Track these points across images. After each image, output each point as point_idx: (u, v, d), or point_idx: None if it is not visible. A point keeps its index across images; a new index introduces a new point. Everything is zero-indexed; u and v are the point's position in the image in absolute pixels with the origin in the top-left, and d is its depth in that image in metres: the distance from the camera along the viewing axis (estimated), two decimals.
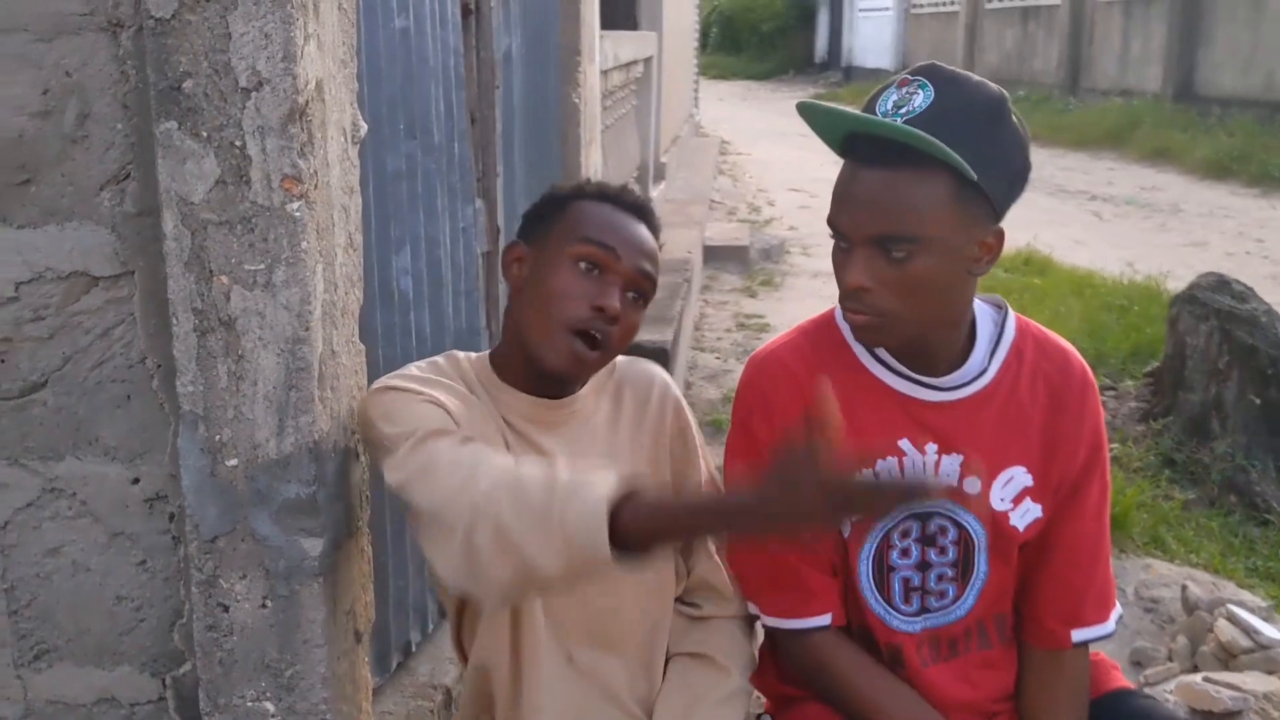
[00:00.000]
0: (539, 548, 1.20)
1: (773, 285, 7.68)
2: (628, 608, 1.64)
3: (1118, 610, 1.72)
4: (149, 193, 1.46)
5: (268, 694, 1.51)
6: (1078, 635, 1.67)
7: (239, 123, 1.37)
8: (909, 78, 1.50)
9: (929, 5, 23.88)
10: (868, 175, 1.49)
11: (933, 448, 1.62)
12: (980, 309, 1.65)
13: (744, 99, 23.26)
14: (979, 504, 1.63)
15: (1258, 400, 4.19)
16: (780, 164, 13.05)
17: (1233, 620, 2.76)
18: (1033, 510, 1.64)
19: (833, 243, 1.55)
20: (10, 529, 1.57)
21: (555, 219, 1.60)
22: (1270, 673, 2.65)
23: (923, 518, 1.64)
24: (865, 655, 1.67)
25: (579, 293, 1.53)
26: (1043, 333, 1.69)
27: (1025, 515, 1.64)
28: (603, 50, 4.80)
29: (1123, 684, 1.78)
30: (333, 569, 1.52)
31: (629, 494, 1.21)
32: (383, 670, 2.16)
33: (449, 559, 1.32)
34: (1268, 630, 2.76)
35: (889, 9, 25.42)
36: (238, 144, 1.38)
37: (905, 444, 1.62)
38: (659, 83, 8.26)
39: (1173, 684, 2.57)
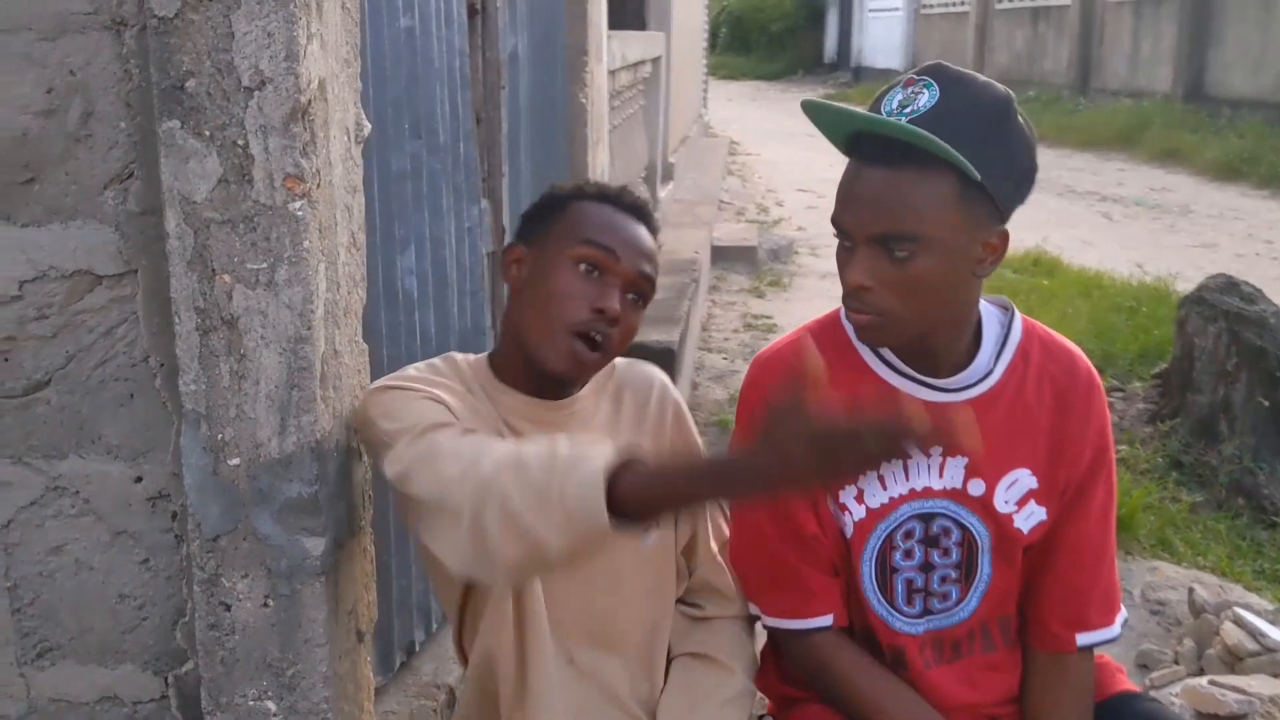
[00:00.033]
0: (543, 523, 1.20)
1: (781, 286, 7.67)
2: (628, 609, 1.64)
3: (1123, 614, 1.71)
4: (152, 192, 1.46)
5: (269, 693, 1.52)
6: (1082, 639, 1.67)
7: (241, 122, 1.38)
8: (915, 77, 1.50)
9: (939, 5, 23.81)
10: (871, 174, 1.48)
11: (937, 449, 1.61)
12: (986, 310, 1.64)
13: (753, 99, 23.23)
14: (982, 505, 1.62)
15: (1266, 402, 4.16)
16: (789, 164, 13.03)
17: (1239, 623, 2.74)
18: (1037, 513, 1.63)
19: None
20: (13, 527, 1.57)
21: (555, 220, 1.60)
22: (1276, 676, 2.64)
23: (926, 519, 1.64)
24: (867, 656, 1.67)
25: (579, 294, 1.53)
26: (1049, 334, 1.68)
27: (1030, 518, 1.63)
28: (610, 50, 4.80)
29: (1128, 687, 1.77)
30: (334, 568, 1.52)
31: (626, 463, 1.21)
32: (386, 670, 2.16)
33: (456, 545, 1.31)
34: (1274, 633, 2.75)
35: (899, 9, 25.37)
36: (240, 143, 1.38)
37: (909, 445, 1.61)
38: (667, 83, 8.26)
39: (1178, 687, 2.56)
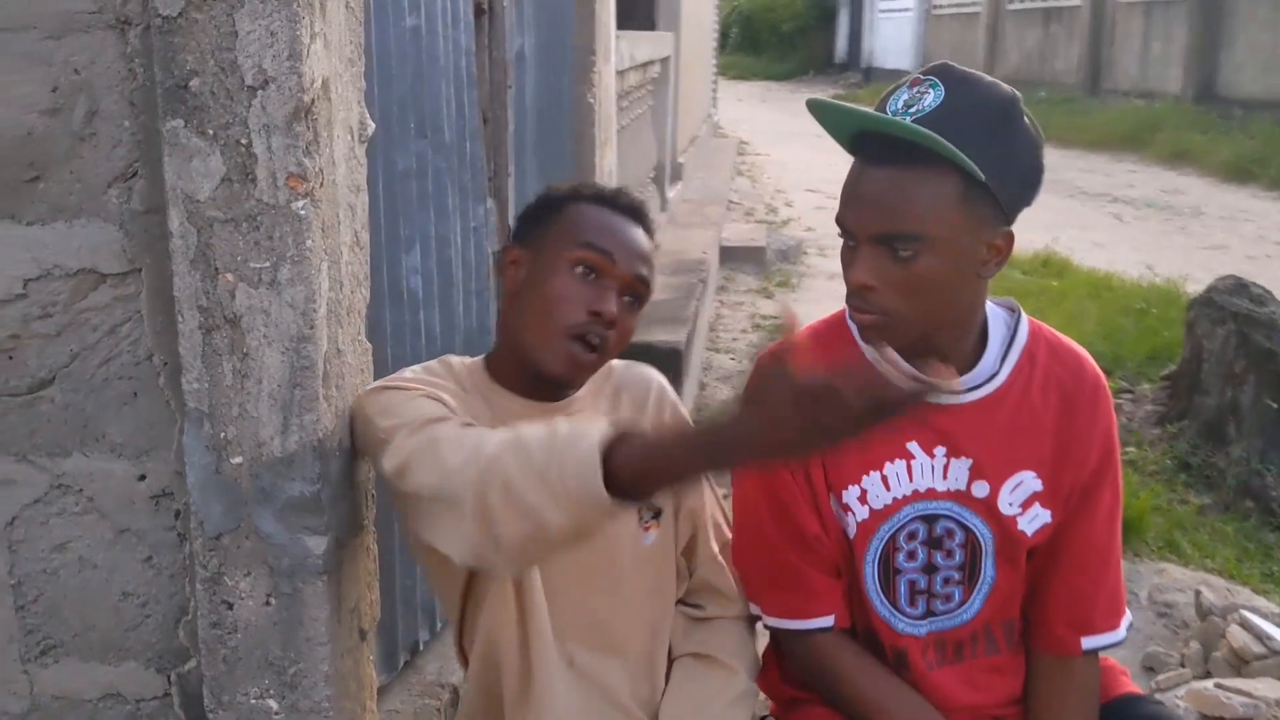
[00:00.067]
0: (544, 501, 1.20)
1: (789, 286, 7.66)
2: (629, 610, 1.64)
3: (1128, 617, 1.71)
4: (156, 190, 1.46)
5: (271, 691, 1.52)
6: (1088, 643, 1.66)
7: (245, 121, 1.38)
8: (920, 77, 1.50)
9: (950, 6, 23.76)
10: (875, 174, 1.48)
11: (941, 451, 1.61)
12: (993, 312, 1.64)
13: (763, 100, 23.21)
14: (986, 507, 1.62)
15: (1274, 404, 4.15)
16: (798, 165, 13.02)
17: (1245, 626, 2.73)
18: (1041, 515, 1.62)
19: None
20: (18, 525, 1.58)
21: (552, 222, 1.60)
22: None
23: (929, 520, 1.63)
24: (868, 657, 1.67)
25: (576, 297, 1.53)
26: (1055, 336, 1.67)
27: (1034, 520, 1.62)
28: (618, 50, 4.80)
29: (1131, 689, 1.76)
30: (337, 567, 1.52)
31: (622, 435, 1.20)
32: (390, 668, 2.17)
33: (461, 533, 1.30)
34: None
35: (909, 10, 25.30)
36: (243, 142, 1.38)
37: (914, 446, 1.61)
38: (676, 83, 8.25)
39: (1184, 690, 2.55)
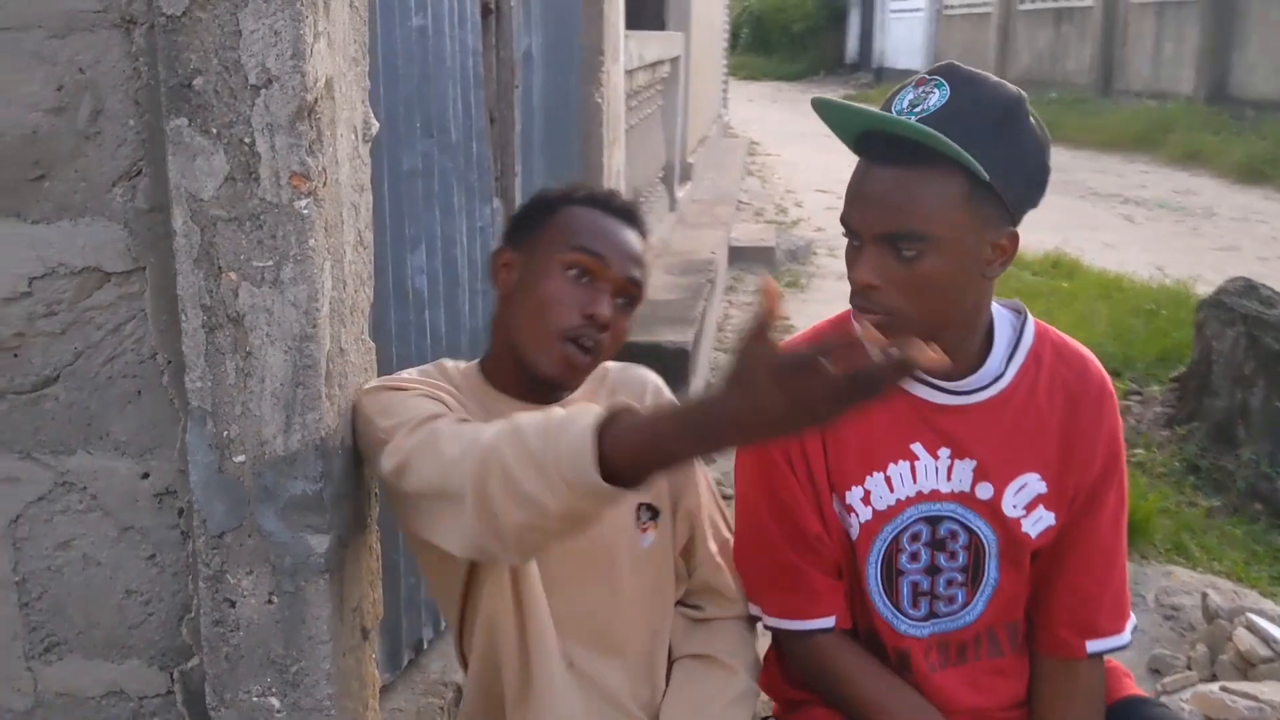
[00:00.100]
0: (540, 486, 1.19)
1: (798, 287, 7.64)
2: (629, 611, 1.64)
3: (1132, 620, 1.70)
4: (160, 189, 1.46)
5: (273, 689, 1.52)
6: (1092, 646, 1.66)
7: (248, 120, 1.38)
8: (926, 77, 1.50)
9: (961, 6, 23.71)
10: (880, 173, 1.48)
11: (945, 452, 1.61)
12: (999, 313, 1.63)
13: (774, 100, 23.18)
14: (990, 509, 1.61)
15: None
16: (809, 165, 12.99)
17: (1252, 629, 2.72)
18: (1046, 518, 1.62)
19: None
20: (22, 522, 1.58)
21: (544, 224, 1.60)
22: None
23: (933, 522, 1.63)
24: (870, 658, 1.66)
25: (569, 300, 1.53)
26: (1061, 338, 1.67)
27: (1038, 522, 1.62)
28: (627, 50, 4.80)
29: (1135, 692, 1.75)
30: (339, 566, 1.52)
31: (614, 416, 1.19)
32: (394, 667, 2.17)
33: (461, 525, 1.30)
34: None
35: (921, 10, 25.24)
36: (247, 141, 1.38)
37: (918, 447, 1.61)
38: (686, 83, 8.25)
39: (1190, 693, 2.54)
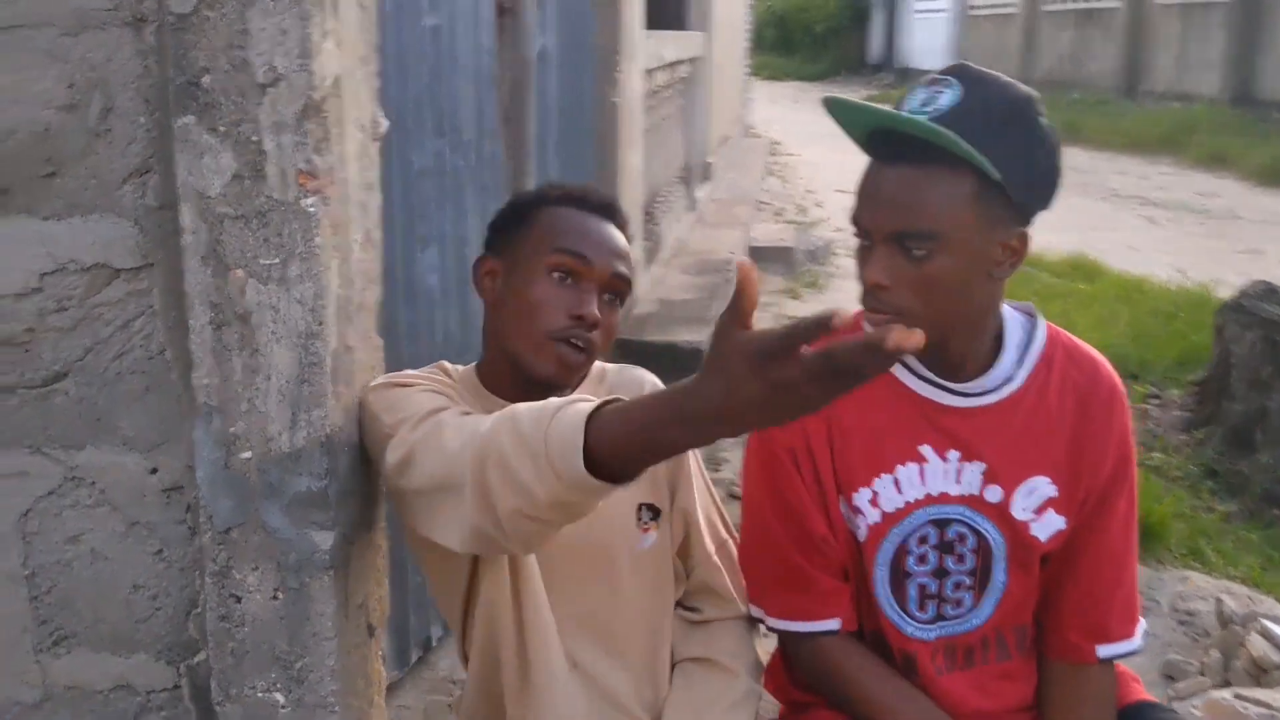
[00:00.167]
0: (533, 474, 1.18)
1: (817, 287, 7.62)
2: (630, 610, 1.64)
3: (1143, 625, 1.69)
4: (169, 186, 1.47)
5: (278, 685, 1.52)
6: (1103, 651, 1.65)
7: (256, 118, 1.38)
8: (938, 77, 1.50)
9: (985, 6, 23.59)
10: (890, 172, 1.48)
11: (954, 454, 1.60)
12: (1010, 316, 1.63)
13: (796, 100, 23.09)
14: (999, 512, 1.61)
15: None
16: (830, 165, 12.94)
17: (1265, 636, 2.69)
18: (1055, 521, 1.61)
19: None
20: (32, 516, 1.59)
21: (523, 229, 1.59)
22: None
23: (941, 524, 1.62)
24: (876, 660, 1.66)
25: (556, 303, 1.53)
26: (1072, 341, 1.66)
27: (1048, 526, 1.61)
28: (646, 50, 4.80)
29: (1144, 697, 1.74)
30: (344, 562, 1.52)
31: (605, 405, 1.17)
32: (402, 665, 2.17)
33: (460, 516, 1.29)
34: None
35: (945, 10, 25.12)
36: (254, 139, 1.39)
37: (926, 449, 1.61)
38: (707, 83, 8.24)
39: (1202, 699, 2.52)
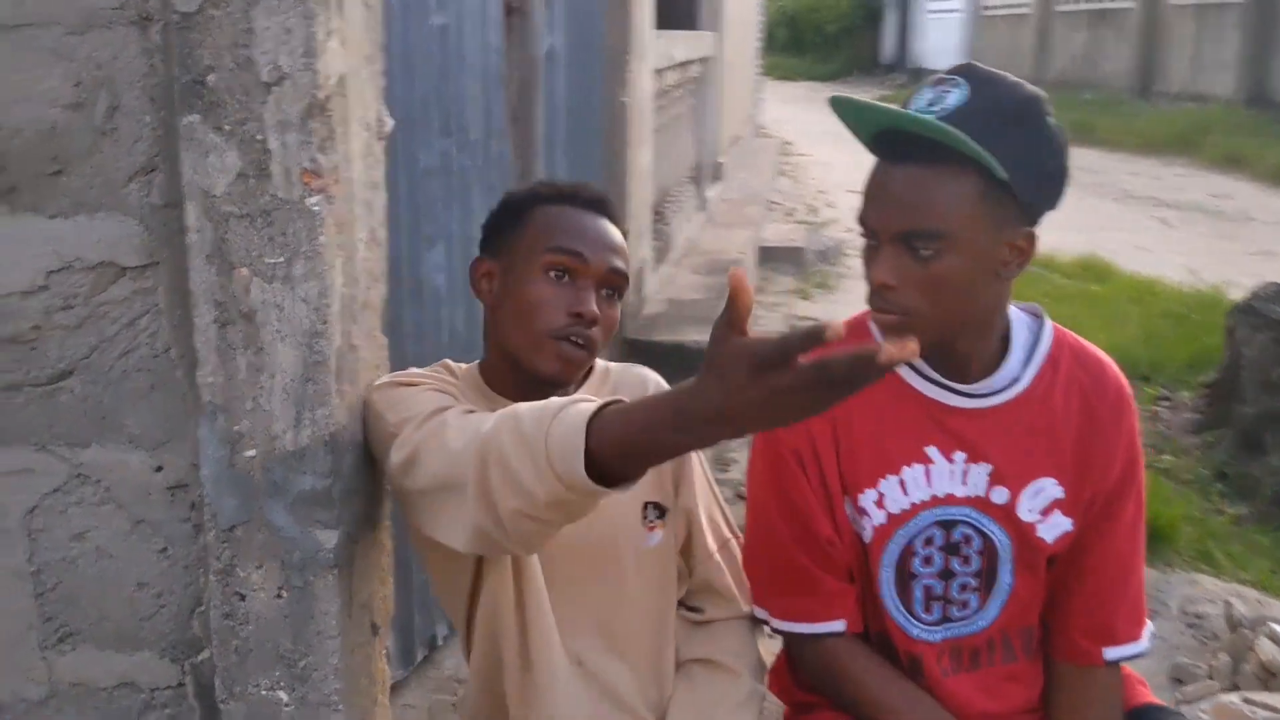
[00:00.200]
0: (533, 474, 1.18)
1: (828, 287, 7.61)
2: (634, 609, 1.64)
3: (1150, 627, 1.69)
4: (175, 185, 1.47)
5: (282, 683, 1.52)
6: (1110, 653, 1.64)
7: (260, 117, 1.39)
8: (945, 77, 1.50)
9: (999, 7, 23.52)
10: (897, 172, 1.48)
11: (961, 455, 1.60)
12: (1017, 317, 1.62)
13: (808, 100, 23.03)
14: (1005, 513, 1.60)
15: None
16: (841, 166, 12.92)
17: (1274, 639, 2.68)
18: (1062, 523, 1.61)
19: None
20: (37, 513, 1.59)
21: (517, 229, 1.59)
22: None
23: (947, 526, 1.62)
24: (881, 662, 1.65)
25: (554, 301, 1.53)
26: (1079, 343, 1.66)
27: (1054, 528, 1.61)
28: (656, 50, 4.79)
29: (1149, 699, 1.73)
30: (348, 561, 1.52)
31: (603, 410, 1.16)
32: (406, 663, 2.18)
33: (463, 516, 1.29)
34: None
35: (958, 10, 25.06)
36: (259, 138, 1.39)
37: (932, 450, 1.60)
38: (718, 83, 8.23)
39: (1209, 703, 2.51)
